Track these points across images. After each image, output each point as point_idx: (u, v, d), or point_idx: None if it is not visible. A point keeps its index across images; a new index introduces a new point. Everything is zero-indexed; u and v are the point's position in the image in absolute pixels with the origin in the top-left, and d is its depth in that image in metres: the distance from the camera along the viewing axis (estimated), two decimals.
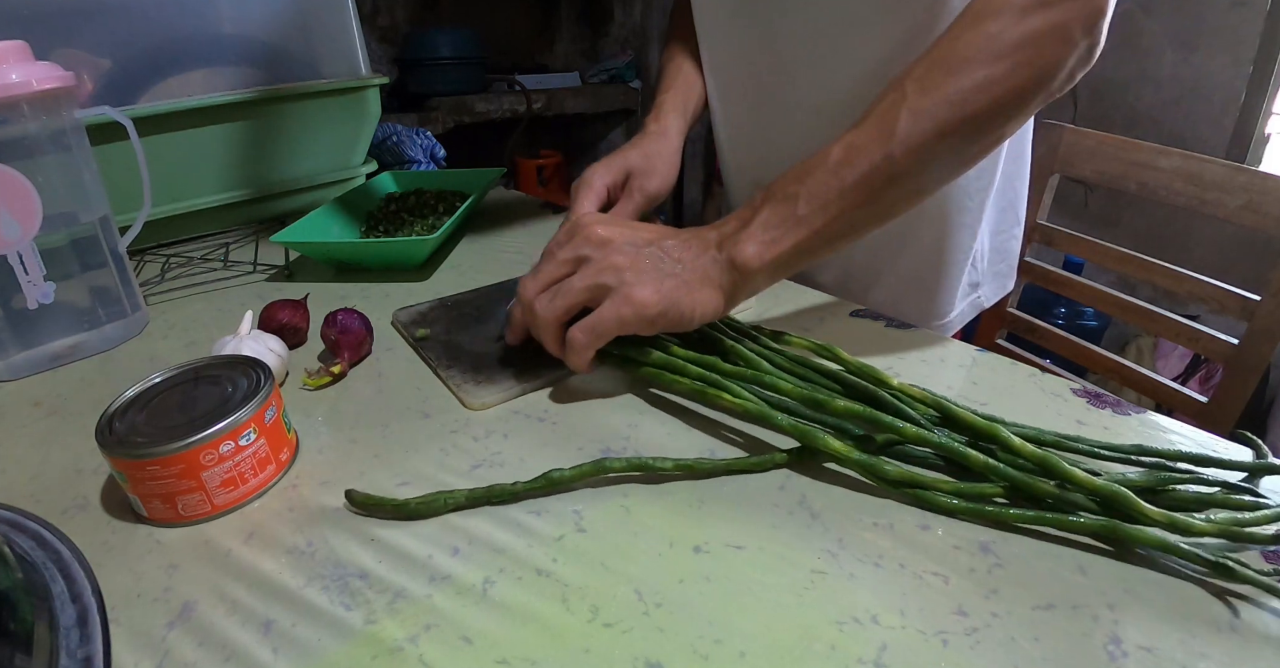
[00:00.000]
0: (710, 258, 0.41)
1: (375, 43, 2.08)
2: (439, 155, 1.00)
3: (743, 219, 0.41)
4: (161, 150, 0.67)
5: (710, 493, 0.34)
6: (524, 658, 0.26)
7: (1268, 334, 0.70)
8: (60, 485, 0.37)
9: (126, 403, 0.35)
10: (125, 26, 0.67)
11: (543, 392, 0.44)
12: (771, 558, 0.30)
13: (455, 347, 0.48)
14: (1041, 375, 0.44)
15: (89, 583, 0.29)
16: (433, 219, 0.75)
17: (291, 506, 0.34)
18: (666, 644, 0.26)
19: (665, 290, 0.39)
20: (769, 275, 0.41)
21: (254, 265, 0.68)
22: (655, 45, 2.25)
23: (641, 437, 0.39)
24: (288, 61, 0.77)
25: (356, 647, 0.26)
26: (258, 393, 0.35)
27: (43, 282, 0.48)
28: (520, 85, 2.05)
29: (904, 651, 0.26)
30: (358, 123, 0.83)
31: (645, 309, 0.38)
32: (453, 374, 0.45)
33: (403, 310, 0.54)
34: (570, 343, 0.40)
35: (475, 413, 0.42)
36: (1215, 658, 0.25)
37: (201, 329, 0.55)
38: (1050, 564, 0.29)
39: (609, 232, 0.41)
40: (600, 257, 0.40)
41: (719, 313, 0.41)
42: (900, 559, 0.30)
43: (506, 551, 0.31)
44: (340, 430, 0.40)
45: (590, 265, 0.40)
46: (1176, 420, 0.40)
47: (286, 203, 0.82)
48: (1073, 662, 0.25)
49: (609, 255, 0.40)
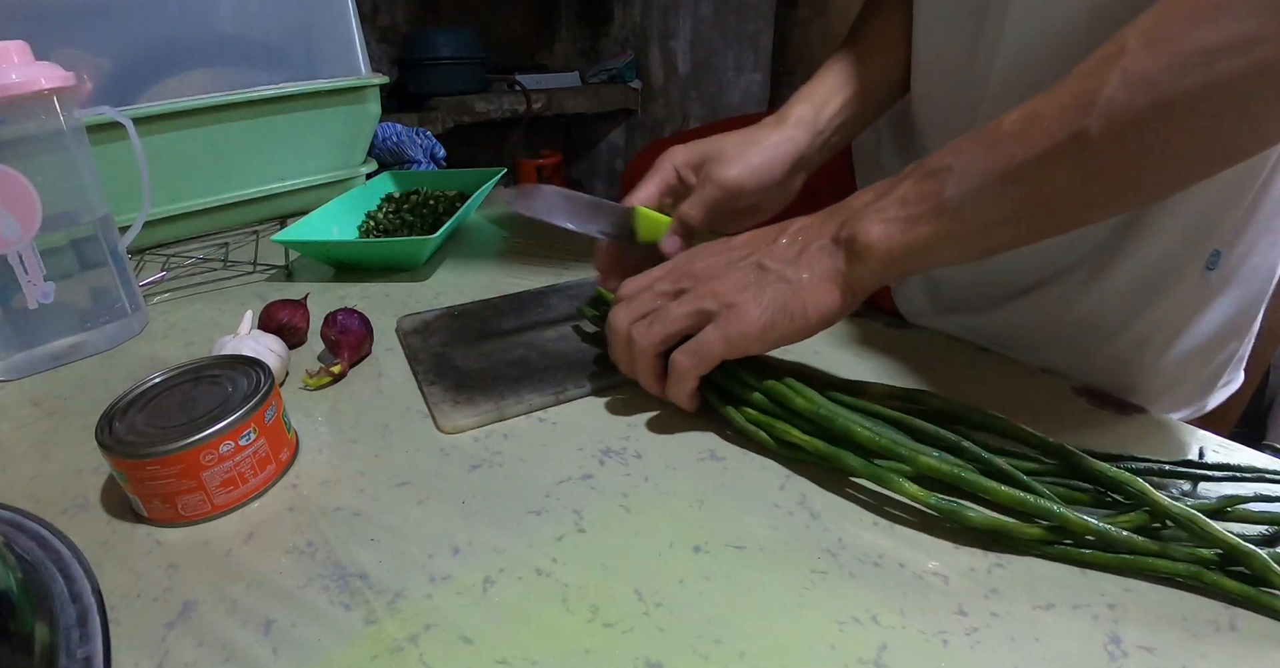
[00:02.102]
0: (823, 246, 0.35)
1: (375, 43, 2.08)
2: (439, 155, 1.00)
3: (879, 192, 0.34)
4: (161, 150, 0.67)
5: (710, 493, 0.34)
6: (524, 658, 0.26)
7: (1268, 334, 0.70)
8: (60, 485, 0.37)
9: (126, 403, 0.35)
10: (125, 26, 0.67)
11: None
12: (771, 558, 0.30)
13: (445, 361, 0.46)
14: (1041, 376, 0.44)
15: (89, 583, 0.29)
16: (433, 219, 0.75)
17: (291, 506, 0.34)
18: (666, 644, 0.26)
19: (768, 302, 0.35)
20: (894, 266, 0.33)
21: (254, 265, 0.68)
22: (655, 45, 2.25)
23: (641, 437, 0.39)
24: (288, 61, 0.77)
25: (356, 647, 0.26)
26: (258, 393, 0.35)
27: (43, 282, 0.48)
28: (520, 85, 2.05)
29: (904, 651, 0.26)
30: (358, 123, 0.83)
31: (749, 327, 0.35)
32: (434, 391, 0.43)
33: (407, 318, 0.53)
34: (674, 368, 0.37)
35: None
36: (1215, 658, 0.25)
37: (201, 329, 0.55)
38: (1050, 564, 0.29)
39: (707, 263, 0.38)
40: (699, 286, 0.37)
41: (842, 309, 0.35)
42: (900, 559, 0.30)
43: (506, 551, 0.31)
44: (340, 430, 0.40)
45: (689, 294, 0.38)
46: (1177, 421, 0.40)
47: (286, 203, 0.83)
48: (1073, 662, 0.25)
49: (708, 283, 0.37)
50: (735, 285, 0.36)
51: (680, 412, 0.41)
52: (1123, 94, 0.27)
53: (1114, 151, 0.28)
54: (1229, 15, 0.25)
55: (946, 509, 0.30)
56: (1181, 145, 0.28)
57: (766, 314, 0.35)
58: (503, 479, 0.36)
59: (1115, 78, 0.27)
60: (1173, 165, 0.29)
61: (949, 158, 0.32)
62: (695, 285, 0.38)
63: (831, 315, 0.35)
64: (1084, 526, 0.28)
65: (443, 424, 0.40)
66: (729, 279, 0.37)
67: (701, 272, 0.38)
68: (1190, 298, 0.43)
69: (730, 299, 0.36)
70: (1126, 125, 0.27)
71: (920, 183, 0.32)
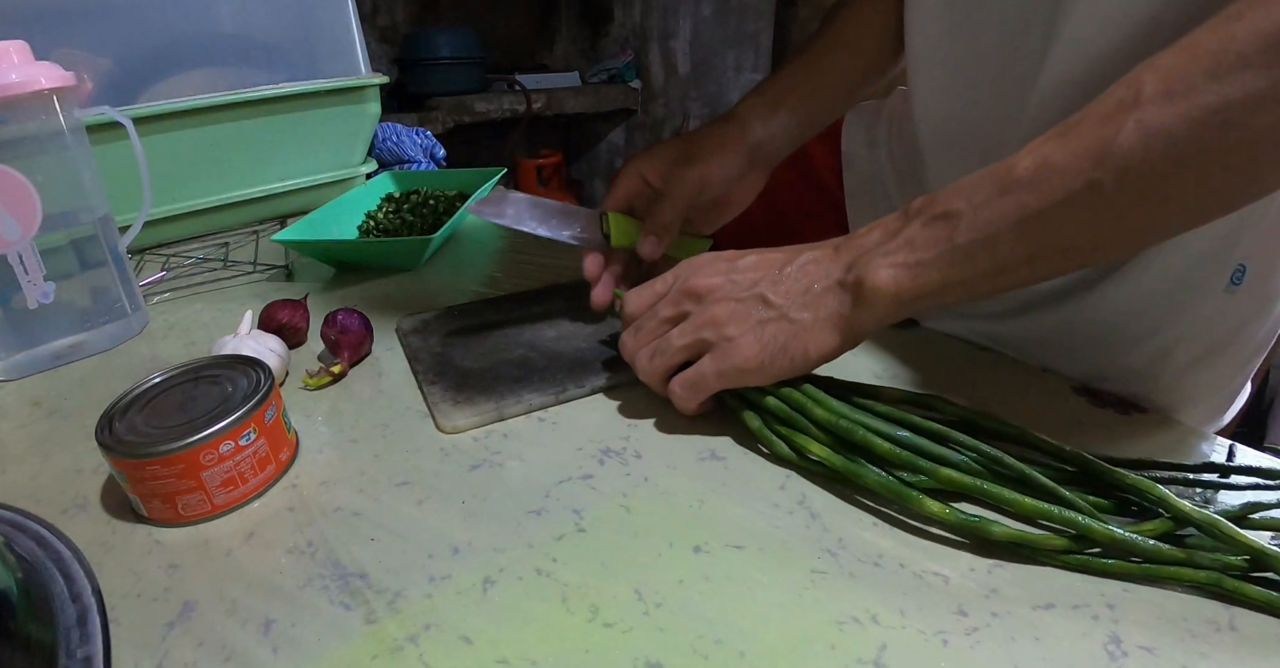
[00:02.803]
0: (829, 287, 0.35)
1: (375, 43, 2.09)
2: (439, 155, 1.00)
3: (889, 231, 0.34)
4: (161, 150, 0.67)
5: (710, 493, 0.34)
6: (524, 658, 0.26)
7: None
8: (60, 485, 0.37)
9: (126, 403, 0.35)
10: (125, 26, 0.67)
11: None
12: (771, 558, 0.30)
13: (445, 361, 0.46)
14: (1042, 375, 0.44)
15: (89, 583, 0.29)
16: (433, 219, 0.75)
17: (291, 506, 0.34)
18: (666, 644, 0.26)
19: (767, 339, 0.35)
20: (901, 309, 0.33)
21: (254, 265, 0.68)
22: (655, 45, 2.25)
23: (641, 437, 0.39)
24: (288, 61, 0.77)
25: (356, 647, 0.26)
26: (258, 393, 0.35)
27: (43, 281, 0.48)
28: (520, 85, 2.05)
29: (904, 651, 0.26)
30: (357, 123, 0.83)
31: (746, 363, 0.35)
32: (434, 391, 0.43)
33: (407, 318, 0.53)
34: (671, 395, 0.38)
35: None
36: (1215, 658, 0.25)
37: (201, 329, 0.55)
38: (1050, 564, 0.29)
39: (710, 282, 0.37)
40: (699, 311, 0.37)
41: (840, 351, 0.35)
42: (900, 559, 0.30)
43: (506, 551, 0.31)
44: (340, 430, 0.40)
45: (689, 321, 0.37)
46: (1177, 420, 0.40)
47: (286, 203, 0.83)
48: (1073, 662, 0.25)
49: (708, 308, 0.37)
50: (736, 316, 0.36)
51: (679, 412, 0.41)
52: (1138, 147, 0.27)
53: (1127, 201, 0.28)
54: (1253, 70, 0.25)
55: (969, 525, 0.30)
56: (1191, 195, 0.28)
57: (765, 353, 0.35)
58: (503, 479, 0.36)
59: (1130, 127, 0.27)
60: (1183, 212, 0.29)
61: (958, 201, 0.31)
62: (696, 310, 0.37)
63: (829, 357, 0.35)
64: (1109, 536, 0.28)
65: (443, 424, 0.40)
66: (730, 308, 0.36)
67: (704, 291, 0.38)
68: (1214, 312, 0.43)
69: (729, 332, 0.36)
70: (1141, 177, 0.27)
71: (929, 227, 0.32)
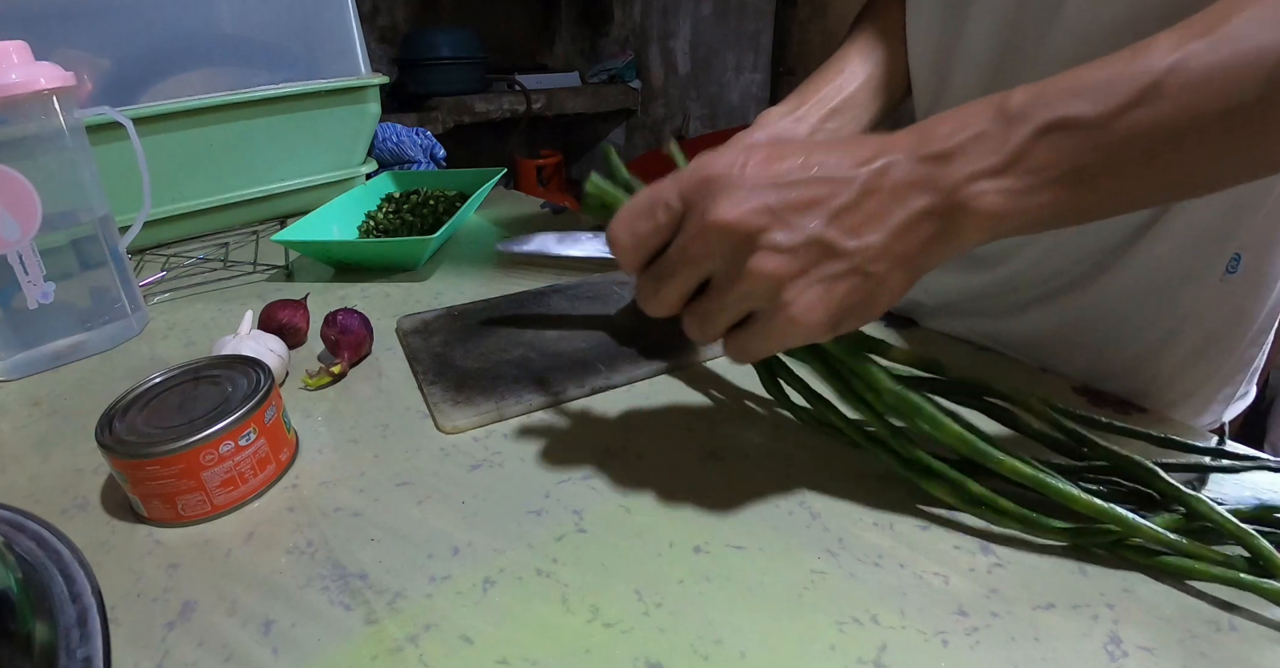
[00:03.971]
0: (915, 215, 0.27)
1: (375, 43, 2.09)
2: (439, 155, 1.00)
3: (990, 140, 0.26)
4: (161, 150, 0.67)
5: (710, 493, 0.34)
6: (524, 658, 0.26)
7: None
8: (60, 485, 0.37)
9: (126, 403, 0.35)
10: (125, 26, 0.67)
11: None
12: (771, 558, 0.30)
13: (445, 361, 0.46)
14: (1041, 375, 0.44)
15: (89, 583, 0.29)
16: (433, 219, 0.75)
17: (291, 506, 0.34)
18: (666, 644, 0.26)
19: (835, 303, 0.27)
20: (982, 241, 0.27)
21: (254, 265, 0.68)
22: (655, 45, 2.25)
23: (641, 437, 0.39)
24: (288, 61, 0.77)
25: (356, 647, 0.26)
26: (257, 393, 0.35)
27: (43, 282, 0.48)
28: (520, 85, 2.06)
29: (904, 651, 0.26)
30: (358, 123, 0.83)
31: (810, 334, 0.28)
32: (434, 391, 0.43)
33: (407, 318, 0.53)
34: (729, 355, 0.31)
35: None
36: (1215, 658, 0.25)
37: (201, 329, 0.55)
38: (1050, 564, 0.29)
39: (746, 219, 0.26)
40: (737, 266, 0.27)
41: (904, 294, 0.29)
42: (900, 559, 0.30)
43: (506, 551, 0.31)
44: (340, 430, 0.40)
45: (730, 287, 0.28)
46: (1177, 419, 0.40)
47: (286, 203, 0.83)
48: (1073, 662, 0.25)
49: (754, 263, 0.27)
50: (792, 272, 0.27)
51: (680, 412, 0.40)
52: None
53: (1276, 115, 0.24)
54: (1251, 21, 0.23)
55: (1032, 520, 0.30)
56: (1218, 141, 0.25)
57: (831, 319, 0.28)
58: (503, 479, 0.36)
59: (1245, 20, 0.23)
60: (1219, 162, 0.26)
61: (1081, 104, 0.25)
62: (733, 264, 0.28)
63: (896, 302, 0.29)
64: (1154, 535, 0.28)
65: (443, 424, 0.40)
66: (783, 263, 0.27)
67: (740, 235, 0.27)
68: (1210, 302, 0.42)
69: (786, 296, 0.27)
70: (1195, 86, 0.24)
71: (1044, 140, 0.25)
